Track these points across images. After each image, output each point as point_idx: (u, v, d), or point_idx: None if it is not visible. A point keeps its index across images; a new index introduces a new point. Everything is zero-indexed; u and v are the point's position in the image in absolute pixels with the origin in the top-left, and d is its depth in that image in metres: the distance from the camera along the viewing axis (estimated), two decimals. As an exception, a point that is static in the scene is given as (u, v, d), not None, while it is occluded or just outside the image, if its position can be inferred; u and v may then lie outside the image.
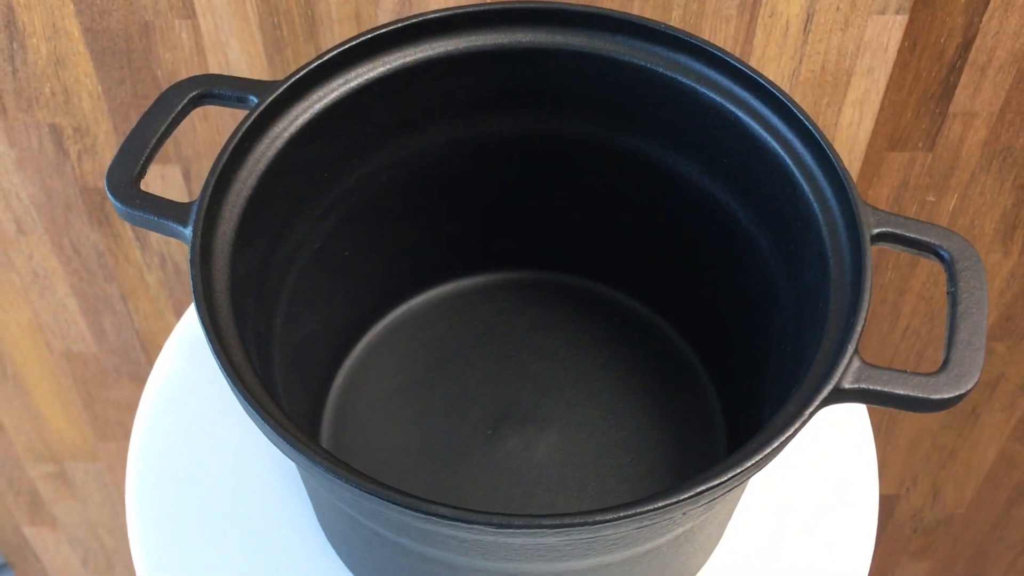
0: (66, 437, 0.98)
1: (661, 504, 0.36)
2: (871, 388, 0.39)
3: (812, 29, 0.66)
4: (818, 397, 0.38)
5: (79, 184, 0.77)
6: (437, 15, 0.50)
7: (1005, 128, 0.72)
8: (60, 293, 0.85)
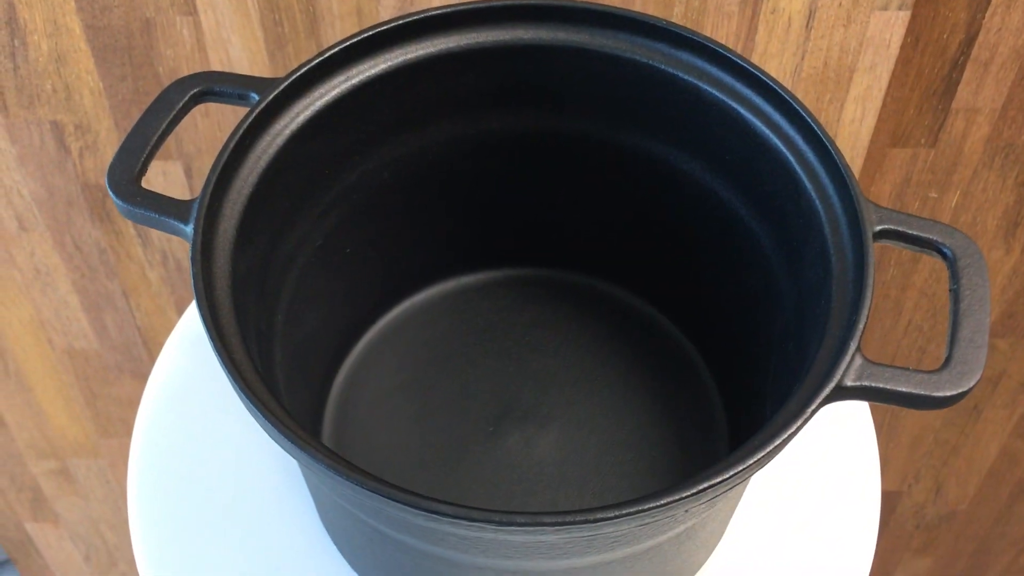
0: (68, 434, 0.98)
1: (663, 502, 0.36)
2: (873, 386, 0.39)
3: (814, 25, 0.66)
4: (820, 395, 0.38)
5: (80, 181, 0.77)
6: (438, 12, 0.50)
7: (1008, 125, 0.72)
8: (62, 290, 0.85)
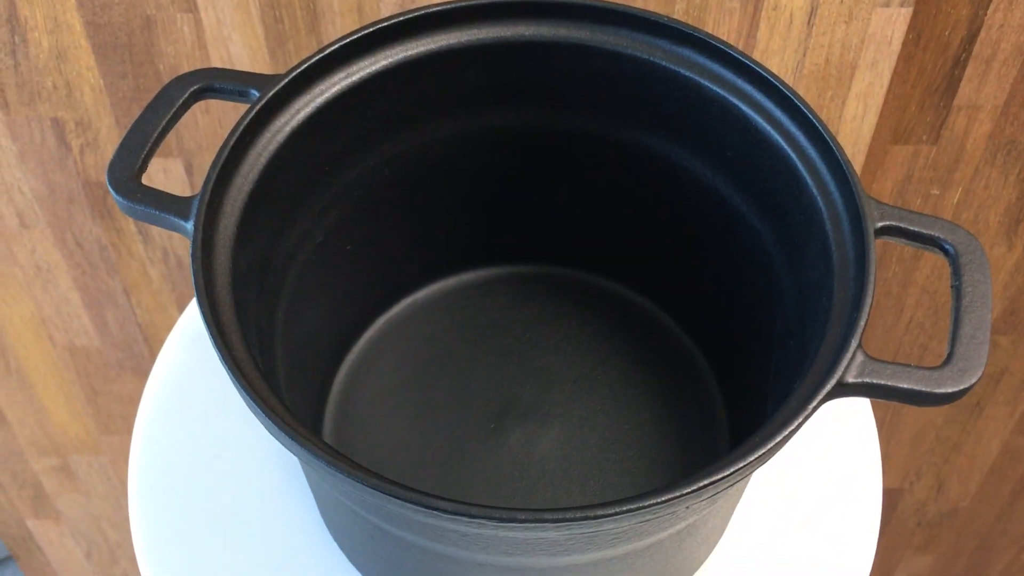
0: (69, 430, 0.98)
1: (664, 498, 0.36)
2: (875, 382, 0.39)
3: (816, 22, 0.66)
4: (821, 391, 0.38)
5: (81, 178, 0.77)
6: (439, 8, 0.50)
7: (1010, 121, 0.72)
8: (63, 287, 0.85)
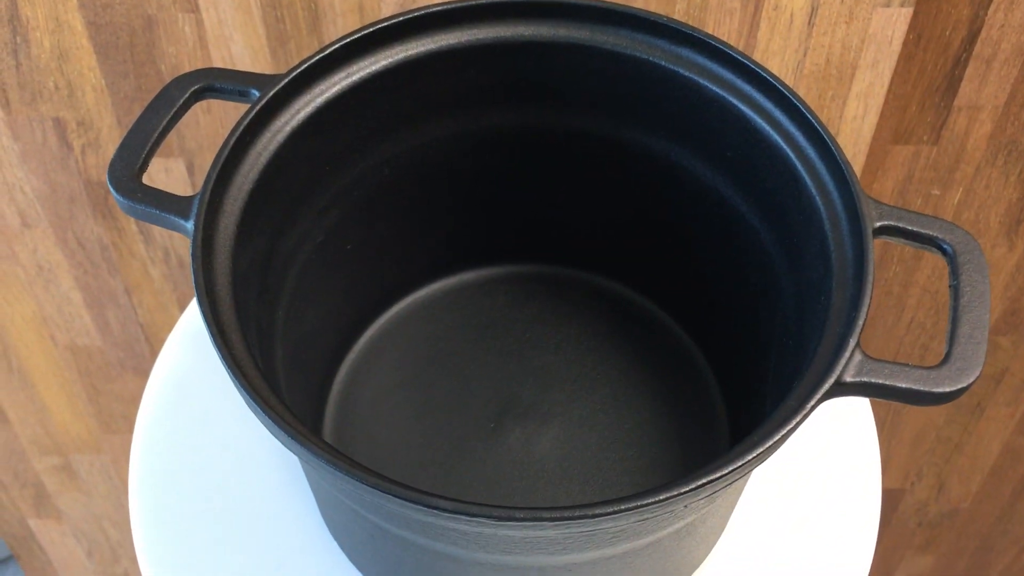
0: (71, 430, 0.98)
1: (662, 497, 0.36)
2: (873, 381, 0.39)
3: (816, 22, 0.66)
4: (820, 390, 0.38)
5: (83, 178, 0.77)
6: (439, 8, 0.50)
7: (1010, 122, 0.72)
8: (64, 286, 0.85)
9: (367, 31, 0.49)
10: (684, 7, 0.66)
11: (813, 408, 0.38)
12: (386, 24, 0.50)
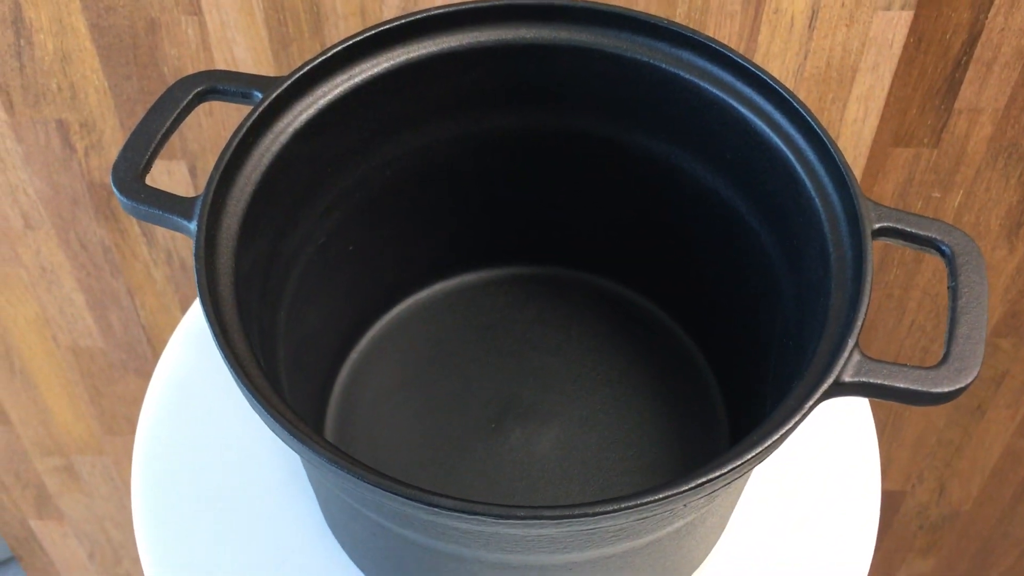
0: (73, 431, 0.99)
1: (662, 496, 0.36)
2: (871, 382, 0.40)
3: (817, 25, 0.66)
4: (819, 390, 0.39)
5: (86, 180, 0.77)
6: (441, 11, 0.50)
7: (1011, 124, 0.72)
8: (67, 288, 0.85)
9: (369, 33, 0.50)
10: (685, 10, 0.66)
11: (812, 408, 0.39)
12: (388, 26, 0.50)
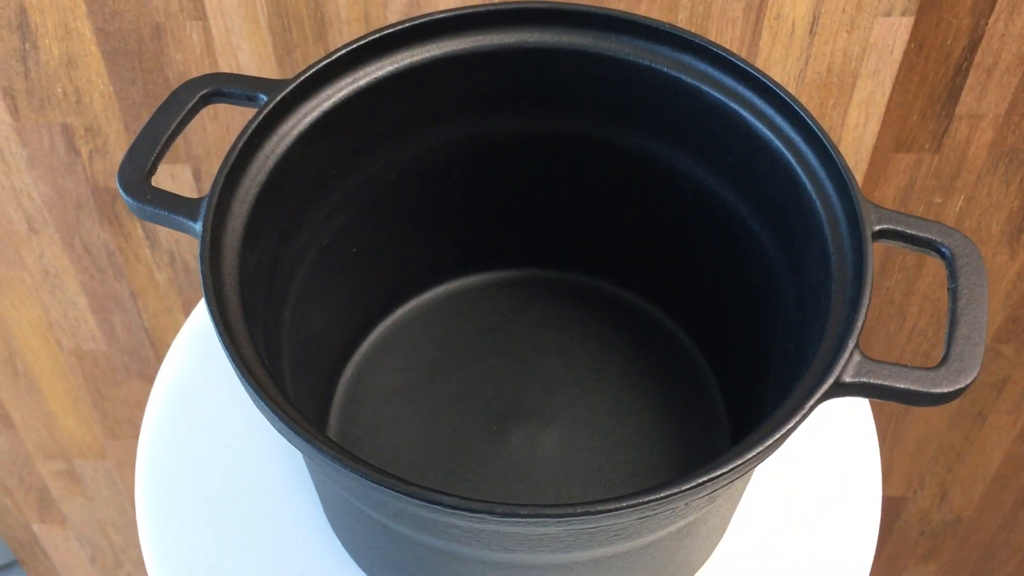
0: (76, 435, 0.99)
1: (663, 494, 0.36)
2: (872, 382, 0.40)
3: (818, 31, 0.67)
4: (819, 390, 0.39)
5: (90, 184, 0.78)
6: (444, 15, 0.51)
7: (1011, 130, 0.72)
8: (70, 291, 0.86)
9: (373, 37, 0.50)
10: (687, 16, 0.66)
11: (813, 408, 0.39)
12: (392, 30, 0.50)
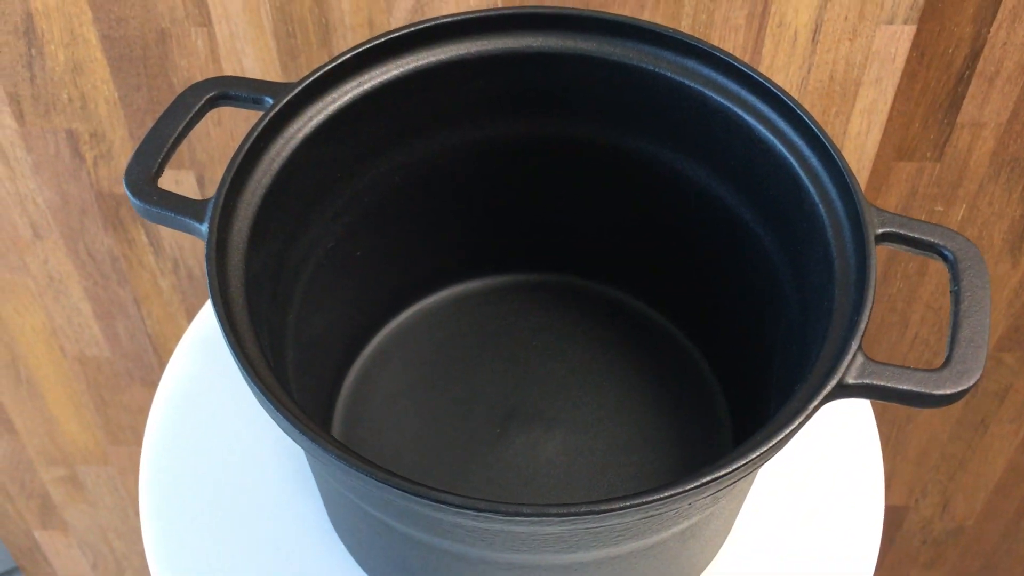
0: (78, 441, 0.99)
1: (667, 494, 0.36)
2: (875, 383, 0.40)
3: (820, 39, 0.67)
4: (823, 391, 0.39)
5: (95, 189, 0.78)
6: (449, 19, 0.51)
7: (1013, 139, 0.72)
8: (74, 297, 0.86)
9: (379, 41, 0.50)
10: (689, 23, 0.67)
11: (816, 409, 0.39)
12: (397, 34, 0.50)
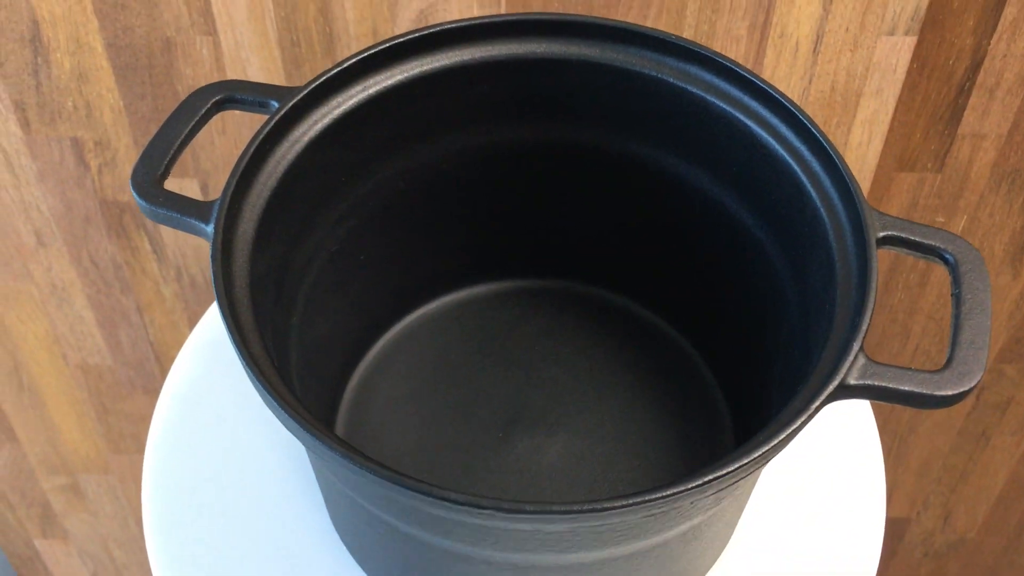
0: (80, 449, 0.99)
1: (669, 492, 0.36)
2: (876, 384, 0.40)
3: (822, 50, 0.67)
4: (824, 392, 0.39)
5: (99, 197, 0.78)
6: (454, 25, 0.51)
7: (1014, 150, 0.73)
8: (77, 305, 0.86)
9: (384, 46, 0.51)
10: (691, 34, 0.67)
11: (818, 409, 0.39)
12: (403, 40, 0.51)
